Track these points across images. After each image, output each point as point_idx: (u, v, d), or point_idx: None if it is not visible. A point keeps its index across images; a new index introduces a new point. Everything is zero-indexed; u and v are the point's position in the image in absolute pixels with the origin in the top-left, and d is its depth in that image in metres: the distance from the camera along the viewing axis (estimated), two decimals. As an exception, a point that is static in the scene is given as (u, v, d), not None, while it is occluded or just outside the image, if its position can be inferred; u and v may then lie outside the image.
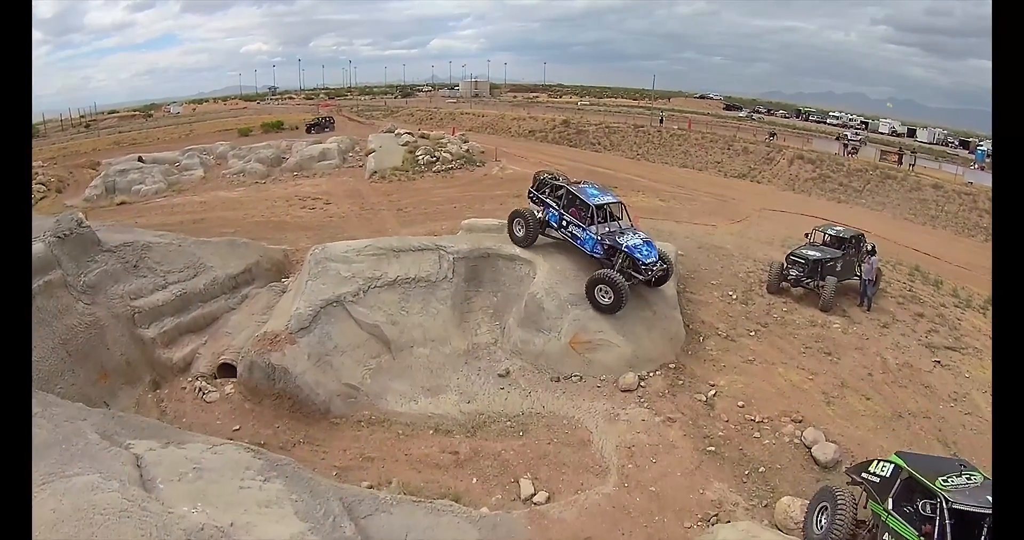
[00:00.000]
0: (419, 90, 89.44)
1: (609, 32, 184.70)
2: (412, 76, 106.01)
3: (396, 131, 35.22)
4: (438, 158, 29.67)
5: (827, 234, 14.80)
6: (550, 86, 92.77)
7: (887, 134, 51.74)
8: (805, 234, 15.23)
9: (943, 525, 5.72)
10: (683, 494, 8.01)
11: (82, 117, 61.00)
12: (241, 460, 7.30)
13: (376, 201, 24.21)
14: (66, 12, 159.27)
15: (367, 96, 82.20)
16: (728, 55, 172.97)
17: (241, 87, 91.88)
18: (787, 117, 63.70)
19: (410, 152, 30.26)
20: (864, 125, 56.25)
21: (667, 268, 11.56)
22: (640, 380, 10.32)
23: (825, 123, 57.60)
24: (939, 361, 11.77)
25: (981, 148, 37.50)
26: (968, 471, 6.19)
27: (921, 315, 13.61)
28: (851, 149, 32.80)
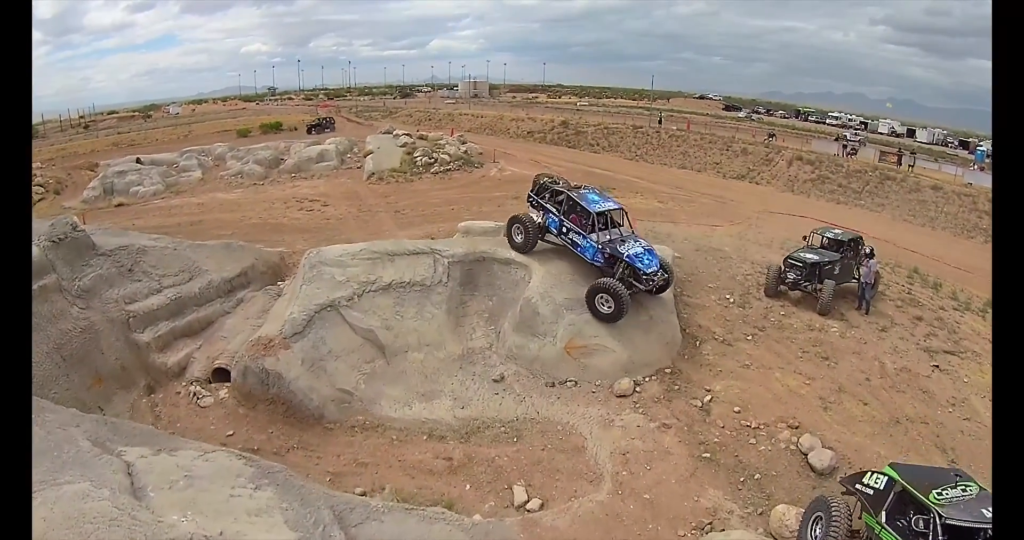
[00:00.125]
0: (418, 91, 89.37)
1: (608, 32, 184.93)
2: (411, 77, 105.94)
3: (394, 132, 35.18)
4: (436, 159, 29.62)
5: (825, 237, 14.73)
6: (549, 86, 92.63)
7: (886, 134, 51.62)
8: (803, 237, 15.16)
9: None
10: (677, 501, 7.95)
11: (81, 118, 60.97)
12: (232, 467, 7.27)
13: (374, 203, 24.17)
14: (66, 13, 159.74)
15: (366, 97, 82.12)
16: (727, 55, 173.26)
17: (240, 88, 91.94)
18: (786, 117, 63.57)
19: (408, 153, 30.22)
20: (863, 125, 56.12)
21: (668, 277, 11.49)
22: (636, 385, 10.27)
23: (824, 123, 57.46)
24: (937, 365, 11.70)
25: (981, 148, 37.39)
26: (964, 482, 6.09)
27: (920, 318, 13.54)
28: (850, 150, 32.71)
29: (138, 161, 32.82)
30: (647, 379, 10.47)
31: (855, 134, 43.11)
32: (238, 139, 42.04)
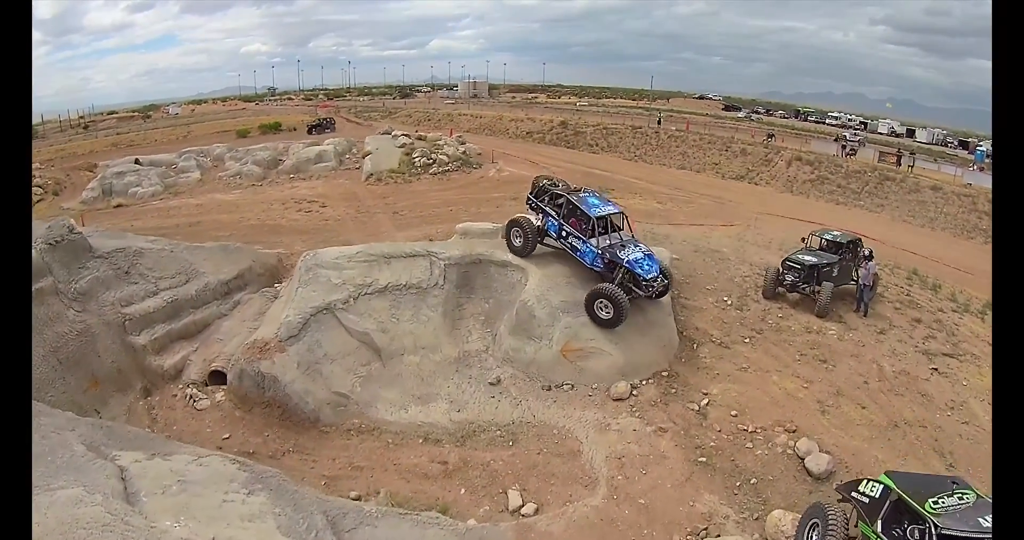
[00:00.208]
0: (418, 91, 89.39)
1: (608, 32, 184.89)
2: (411, 77, 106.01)
3: (393, 133, 35.14)
4: (434, 160, 29.58)
5: (823, 239, 14.68)
6: (549, 86, 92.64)
7: (886, 134, 51.57)
8: (801, 239, 15.12)
9: None
10: (673, 507, 7.91)
11: (81, 118, 61.05)
12: (226, 472, 7.26)
13: (372, 204, 24.14)
14: (65, 13, 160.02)
15: (366, 97, 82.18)
16: (727, 55, 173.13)
17: (240, 88, 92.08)
18: (786, 117, 63.51)
19: (406, 154, 30.17)
20: (863, 125, 56.06)
21: (667, 283, 11.44)
22: (632, 389, 10.23)
23: (824, 123, 57.42)
24: (936, 368, 11.64)
25: (980, 148, 37.33)
26: (961, 490, 5.99)
27: (918, 321, 13.49)
28: (849, 150, 32.68)
29: (137, 162, 32.82)
30: (644, 382, 10.43)
31: (854, 134, 43.07)
32: (237, 140, 42.07)
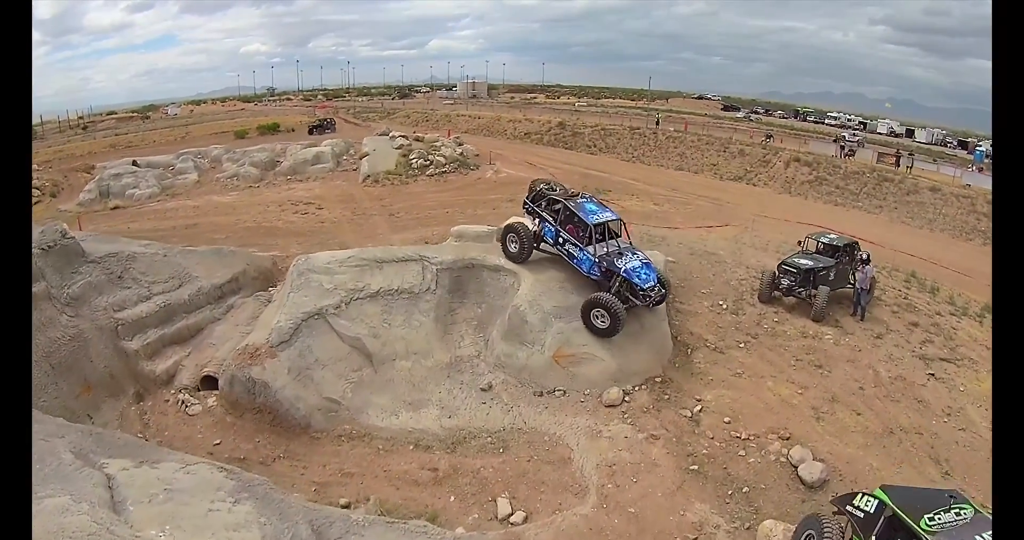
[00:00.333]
0: (417, 91, 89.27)
1: (608, 33, 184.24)
2: (411, 77, 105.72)
3: (390, 134, 35.07)
4: (432, 162, 29.51)
5: (820, 242, 14.60)
6: (548, 87, 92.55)
7: (885, 134, 51.48)
8: (798, 242, 15.03)
9: None
10: (663, 516, 7.85)
11: (80, 119, 60.99)
12: (213, 480, 7.21)
13: (368, 206, 24.09)
14: (65, 13, 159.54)
15: (365, 97, 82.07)
16: (727, 55, 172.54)
17: (240, 88, 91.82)
18: (785, 118, 63.36)
19: (404, 155, 30.09)
20: (863, 125, 55.91)
21: (665, 292, 11.36)
22: (625, 395, 10.16)
23: (823, 123, 57.30)
24: (933, 374, 11.54)
25: (980, 149, 37.19)
26: (958, 504, 5.82)
27: (916, 324, 13.40)
28: (847, 151, 32.57)
29: (134, 163, 32.79)
30: (636, 388, 10.36)
31: (853, 135, 42.89)
32: (235, 141, 42.01)
